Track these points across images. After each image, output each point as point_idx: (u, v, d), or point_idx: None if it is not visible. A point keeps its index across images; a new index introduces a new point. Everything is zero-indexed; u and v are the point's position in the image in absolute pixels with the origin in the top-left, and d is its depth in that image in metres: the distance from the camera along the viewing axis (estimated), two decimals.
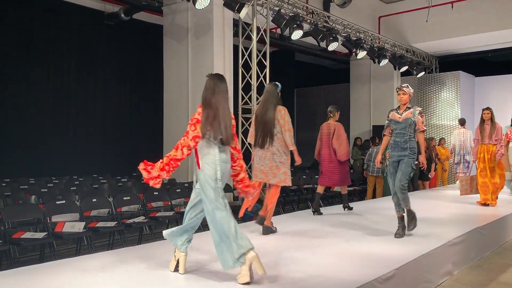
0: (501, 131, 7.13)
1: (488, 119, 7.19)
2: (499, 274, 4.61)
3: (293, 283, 3.27)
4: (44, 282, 3.29)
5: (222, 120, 3.33)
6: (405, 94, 4.98)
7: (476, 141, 7.40)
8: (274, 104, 4.93)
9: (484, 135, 7.19)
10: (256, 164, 4.94)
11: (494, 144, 7.13)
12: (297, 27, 8.68)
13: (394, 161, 4.87)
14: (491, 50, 13.28)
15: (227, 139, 3.35)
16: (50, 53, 10.42)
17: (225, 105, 3.38)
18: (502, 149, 7.18)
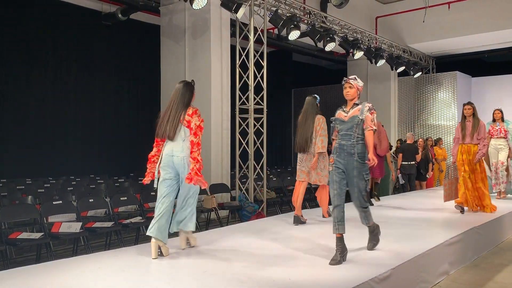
0: (485, 129, 6.40)
1: (470, 115, 6.41)
2: (495, 274, 4.62)
3: (290, 283, 3.27)
4: (41, 283, 3.28)
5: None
6: (352, 87, 4.06)
7: (456, 140, 6.61)
8: (313, 114, 5.52)
9: (465, 134, 6.41)
10: (298, 166, 5.61)
11: (476, 144, 6.35)
12: (294, 27, 8.68)
13: (339, 168, 3.94)
14: (488, 51, 13.32)
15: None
16: (47, 53, 10.41)
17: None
18: (484, 149, 6.40)
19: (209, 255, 4.04)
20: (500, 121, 8.00)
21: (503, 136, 7.94)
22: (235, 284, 3.25)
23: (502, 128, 7.96)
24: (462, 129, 6.44)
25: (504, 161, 7.94)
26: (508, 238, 6.35)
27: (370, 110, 4.02)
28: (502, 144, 7.93)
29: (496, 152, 7.97)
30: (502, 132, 7.96)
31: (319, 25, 9.68)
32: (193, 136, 3.96)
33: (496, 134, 7.98)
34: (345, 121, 4.06)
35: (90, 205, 5.73)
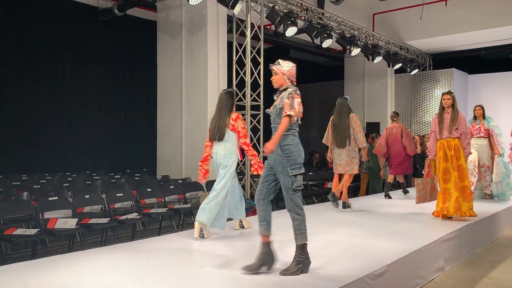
0: (465, 122, 5.77)
1: (449, 107, 5.72)
2: (490, 270, 4.65)
3: (285, 278, 3.28)
4: (37, 279, 3.27)
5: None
6: (276, 74, 3.63)
7: (432, 134, 5.89)
8: (347, 113, 6.29)
9: (442, 127, 5.73)
10: (335, 159, 6.35)
11: (456, 137, 5.66)
12: (291, 23, 8.66)
13: (268, 164, 3.53)
14: (484, 48, 13.34)
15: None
16: (43, 49, 10.35)
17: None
18: (469, 147, 5.79)
19: (205, 251, 4.04)
20: (481, 118, 7.33)
21: (483, 135, 7.26)
22: (231, 281, 3.25)
23: (482, 127, 7.27)
24: (440, 122, 5.75)
25: (489, 163, 7.31)
26: (503, 234, 6.39)
27: (290, 94, 3.43)
28: (483, 144, 7.26)
29: (476, 152, 7.26)
30: (482, 131, 7.26)
31: (316, 22, 9.67)
32: (243, 138, 4.65)
33: (475, 133, 7.28)
34: (271, 111, 3.59)
35: (86, 201, 5.72)
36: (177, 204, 6.76)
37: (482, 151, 7.29)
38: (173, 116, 8.93)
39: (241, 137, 4.61)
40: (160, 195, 6.52)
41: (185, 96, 8.78)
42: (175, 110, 8.90)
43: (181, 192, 6.89)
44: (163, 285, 3.16)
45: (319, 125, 16.36)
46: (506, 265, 4.83)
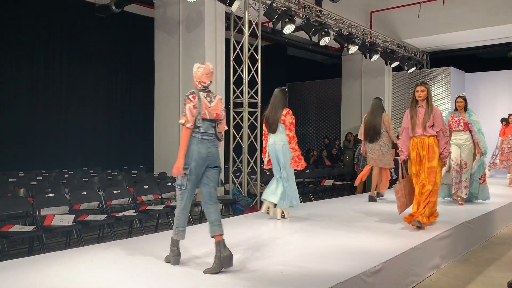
0: (442, 117, 5.11)
1: (424, 100, 5.07)
2: (485, 268, 4.67)
3: (281, 275, 3.29)
4: (33, 276, 3.27)
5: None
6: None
7: (404, 131, 5.20)
8: (380, 113, 6.92)
9: (415, 123, 5.06)
10: (369, 153, 7.04)
11: (431, 136, 5.02)
12: (289, 21, 8.65)
13: None
14: (482, 47, 13.36)
15: None
16: (40, 45, 10.31)
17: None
18: (448, 147, 5.14)
19: (202, 248, 4.05)
20: (462, 111, 6.68)
21: (462, 129, 6.63)
22: (228, 276, 3.26)
23: (462, 119, 6.61)
24: (412, 117, 5.10)
25: (468, 161, 6.63)
26: (499, 232, 6.42)
27: (184, 101, 3.51)
28: (464, 138, 6.65)
29: (457, 148, 6.67)
30: (461, 125, 6.61)
31: (314, 19, 9.66)
32: (288, 131, 5.25)
33: (455, 126, 6.67)
34: None
35: (83, 198, 5.72)
36: (174, 201, 6.76)
37: (462, 146, 6.71)
38: (170, 113, 8.91)
39: (287, 130, 5.27)
40: (157, 192, 6.52)
41: (183, 93, 8.75)
42: (172, 107, 8.89)
43: None
44: (160, 282, 3.17)
45: (316, 122, 16.38)
46: (501, 263, 4.86)
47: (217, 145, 3.63)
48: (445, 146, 5.06)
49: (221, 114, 3.64)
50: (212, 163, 3.55)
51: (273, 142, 5.36)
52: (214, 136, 3.59)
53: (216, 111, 3.59)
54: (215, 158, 3.57)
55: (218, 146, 3.63)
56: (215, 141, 3.60)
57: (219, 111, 3.62)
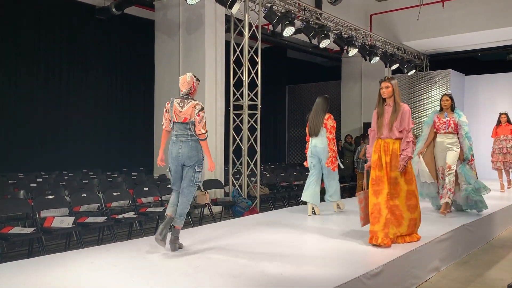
0: (409, 116, 4.42)
1: (390, 97, 4.48)
2: (485, 271, 4.67)
3: (281, 278, 3.29)
4: (33, 278, 3.27)
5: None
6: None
7: (371, 133, 4.66)
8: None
9: (381, 123, 4.46)
10: None
11: (397, 139, 4.38)
12: (289, 23, 8.67)
13: None
14: (481, 49, 13.38)
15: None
16: (40, 47, 10.31)
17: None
18: (410, 148, 4.34)
19: (201, 250, 4.05)
20: (449, 111, 6.03)
21: (452, 131, 5.93)
22: (228, 279, 3.26)
23: (451, 120, 5.94)
24: (378, 116, 4.54)
25: (452, 164, 5.90)
26: (499, 235, 6.42)
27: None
28: (451, 142, 5.95)
29: (444, 154, 5.98)
30: (451, 126, 5.93)
31: (313, 22, 9.68)
32: (328, 133, 5.83)
33: (443, 128, 5.97)
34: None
35: (82, 200, 5.71)
36: None
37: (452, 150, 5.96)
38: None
39: (328, 132, 5.86)
40: (157, 194, 6.52)
41: None
42: None
43: None
44: (160, 284, 3.17)
45: None
46: (501, 266, 4.86)
47: (191, 145, 4.03)
48: (406, 148, 4.34)
49: (191, 118, 4.03)
50: (186, 162, 4.04)
51: (314, 144, 5.95)
52: (188, 137, 4.03)
53: (185, 115, 4.03)
54: (186, 157, 4.02)
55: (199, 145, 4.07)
56: (190, 141, 4.04)
57: (187, 115, 4.03)
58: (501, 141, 9.09)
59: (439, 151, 6.05)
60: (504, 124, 9.17)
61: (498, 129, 9.27)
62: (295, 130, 16.64)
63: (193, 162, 4.03)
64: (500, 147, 9.08)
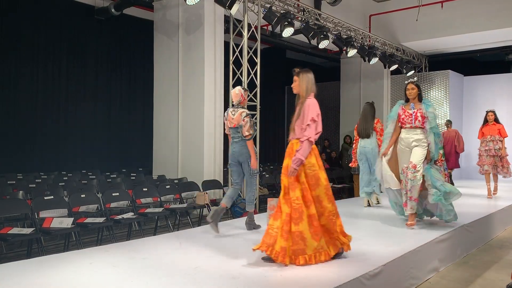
0: (310, 112, 3.76)
1: (298, 92, 3.93)
2: (484, 271, 4.68)
3: (281, 279, 3.29)
4: (32, 278, 3.27)
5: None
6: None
7: (291, 134, 4.09)
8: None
9: (292, 124, 3.93)
10: None
11: (299, 139, 3.78)
12: (288, 24, 8.68)
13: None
14: (480, 50, 13.39)
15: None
16: (39, 48, 10.30)
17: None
18: (303, 150, 3.68)
19: (201, 251, 4.05)
20: (416, 101, 5.13)
21: (419, 125, 5.05)
22: (227, 280, 3.26)
23: (419, 112, 5.05)
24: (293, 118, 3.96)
25: (418, 164, 4.97)
26: (497, 235, 6.43)
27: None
28: (418, 138, 5.04)
29: (408, 152, 5.08)
30: (418, 119, 5.04)
31: (313, 23, 9.69)
32: (379, 135, 6.53)
33: (409, 122, 5.07)
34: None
35: (81, 201, 5.71)
36: (173, 204, 6.76)
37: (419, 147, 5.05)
38: (169, 116, 8.92)
39: (378, 135, 6.63)
40: (156, 194, 6.52)
41: (182, 96, 8.77)
42: (171, 110, 8.89)
43: (177, 192, 6.89)
44: (159, 285, 3.16)
45: None
46: (500, 266, 4.87)
47: (242, 144, 4.93)
48: (301, 147, 3.69)
49: (239, 123, 4.88)
50: (239, 159, 4.99)
51: (363, 145, 6.75)
52: (239, 139, 4.95)
53: (235, 121, 4.94)
54: (238, 155, 4.98)
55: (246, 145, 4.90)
56: (240, 142, 4.94)
57: (237, 121, 4.91)
58: (487, 143, 8.22)
59: (403, 149, 5.12)
60: (491, 123, 8.30)
61: (484, 129, 8.35)
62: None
63: (245, 158, 4.94)
64: (486, 149, 8.20)
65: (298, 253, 3.61)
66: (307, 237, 3.61)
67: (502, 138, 8.19)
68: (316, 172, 3.78)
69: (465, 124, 13.22)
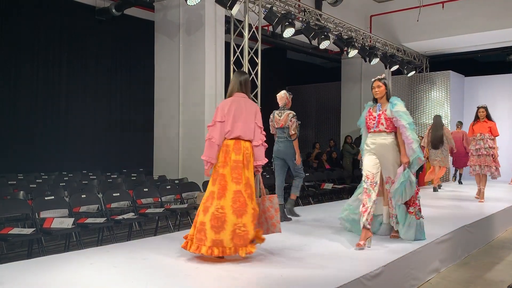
0: (216, 111, 3.93)
1: None
2: (485, 272, 4.67)
3: (282, 279, 3.29)
4: (32, 278, 3.27)
5: None
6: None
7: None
8: (441, 126, 9.01)
9: None
10: (432, 156, 9.00)
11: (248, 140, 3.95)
12: (289, 24, 8.67)
13: None
14: (481, 51, 13.39)
15: None
16: (40, 47, 10.31)
17: None
18: (204, 151, 3.86)
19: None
20: (384, 101, 4.45)
21: (384, 128, 4.38)
22: (228, 281, 3.26)
23: (383, 114, 4.38)
24: None
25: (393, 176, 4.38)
26: (498, 236, 6.42)
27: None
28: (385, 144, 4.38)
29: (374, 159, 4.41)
30: (381, 123, 4.37)
31: (313, 23, 9.69)
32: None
33: (372, 125, 4.43)
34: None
35: (82, 201, 5.71)
36: (173, 204, 6.76)
37: (384, 156, 4.40)
38: (170, 116, 8.92)
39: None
40: (156, 195, 6.52)
41: (182, 96, 8.77)
42: (172, 110, 8.89)
43: (178, 192, 6.89)
44: (160, 285, 3.16)
45: (316, 126, 16.40)
46: (501, 267, 4.86)
47: (286, 144, 5.57)
48: (206, 151, 3.87)
49: (286, 123, 5.54)
50: (284, 157, 5.62)
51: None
52: (285, 139, 5.59)
53: (281, 122, 5.58)
54: (283, 153, 5.61)
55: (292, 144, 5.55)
56: (286, 141, 5.60)
57: (283, 122, 5.57)
58: (477, 141, 7.56)
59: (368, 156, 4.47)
60: (483, 120, 7.64)
61: (475, 126, 7.70)
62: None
63: (290, 156, 5.55)
64: (477, 148, 7.55)
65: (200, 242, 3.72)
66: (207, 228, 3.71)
67: (493, 136, 7.49)
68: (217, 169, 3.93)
69: (465, 125, 13.15)
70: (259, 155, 3.92)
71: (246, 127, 3.86)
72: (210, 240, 3.66)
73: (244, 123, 3.86)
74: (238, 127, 3.83)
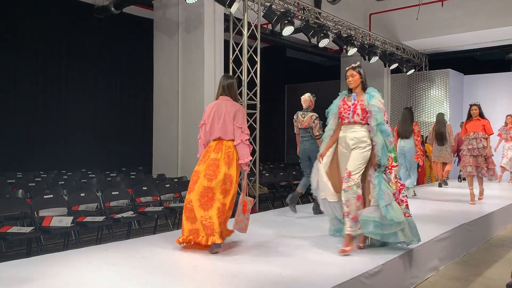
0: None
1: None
2: (484, 270, 4.68)
3: (280, 278, 3.29)
4: (31, 277, 3.26)
5: None
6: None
7: None
8: (444, 124, 9.19)
9: None
10: (437, 153, 9.19)
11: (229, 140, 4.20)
12: (288, 23, 8.66)
13: None
14: (480, 49, 13.38)
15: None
16: (38, 46, 10.29)
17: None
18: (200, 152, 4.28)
19: (201, 250, 4.04)
20: (359, 91, 4.19)
21: (359, 120, 4.05)
22: (227, 279, 3.26)
23: (359, 103, 4.09)
24: None
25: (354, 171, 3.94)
26: (497, 234, 6.42)
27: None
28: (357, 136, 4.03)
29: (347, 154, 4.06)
30: (357, 113, 4.06)
31: (313, 21, 9.67)
32: (416, 136, 7.55)
33: (346, 116, 4.13)
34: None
35: (81, 199, 5.71)
36: (172, 202, 6.75)
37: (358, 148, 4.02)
38: (169, 115, 8.91)
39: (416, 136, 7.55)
40: (155, 193, 6.51)
41: (181, 95, 8.76)
42: (171, 109, 8.88)
43: (177, 191, 6.88)
44: (159, 284, 3.16)
45: None
46: (500, 265, 4.86)
47: (311, 142, 5.94)
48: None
49: (310, 124, 5.89)
50: (309, 154, 5.93)
51: (402, 145, 7.65)
52: (308, 138, 5.97)
53: (305, 123, 5.94)
54: (308, 151, 5.95)
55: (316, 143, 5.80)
56: (310, 140, 5.96)
57: (306, 123, 5.93)
58: (470, 140, 7.12)
59: (342, 152, 4.12)
60: (476, 118, 7.18)
61: (467, 125, 7.27)
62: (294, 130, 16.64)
63: (314, 154, 5.57)
64: (470, 148, 7.12)
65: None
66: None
67: (487, 135, 7.09)
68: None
69: None
70: (242, 154, 4.15)
71: (225, 128, 4.15)
72: (187, 230, 4.05)
73: (223, 124, 4.16)
74: (217, 129, 4.17)
